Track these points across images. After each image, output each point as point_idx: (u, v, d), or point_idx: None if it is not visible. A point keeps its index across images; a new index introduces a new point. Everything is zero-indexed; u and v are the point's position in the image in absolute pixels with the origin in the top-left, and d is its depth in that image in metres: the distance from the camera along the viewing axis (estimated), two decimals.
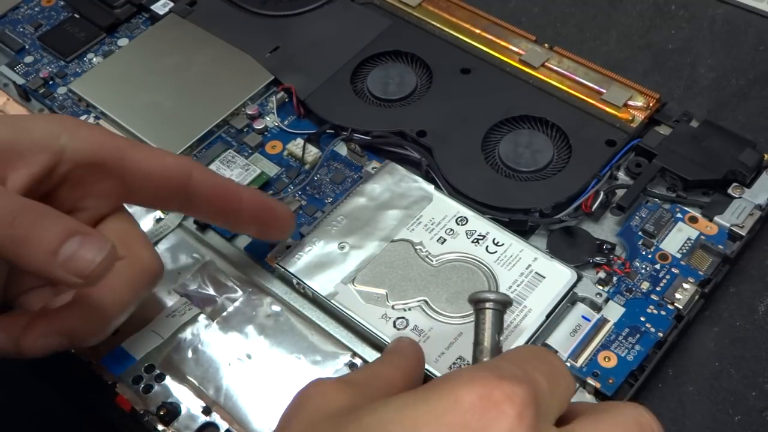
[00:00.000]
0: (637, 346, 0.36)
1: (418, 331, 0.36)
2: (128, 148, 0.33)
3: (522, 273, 0.37)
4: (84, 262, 0.28)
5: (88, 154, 0.32)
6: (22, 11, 0.54)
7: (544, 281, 0.37)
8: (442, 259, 0.38)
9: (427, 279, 0.37)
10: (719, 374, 0.37)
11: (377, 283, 0.38)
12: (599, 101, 0.45)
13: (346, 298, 0.37)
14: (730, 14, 0.52)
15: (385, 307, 0.37)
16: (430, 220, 0.39)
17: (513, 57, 0.48)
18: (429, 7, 0.51)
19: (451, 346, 0.35)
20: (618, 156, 0.43)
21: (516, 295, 0.37)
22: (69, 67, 0.51)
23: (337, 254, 0.39)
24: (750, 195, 0.41)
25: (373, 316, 0.36)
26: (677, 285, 0.38)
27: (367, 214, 0.40)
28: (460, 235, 0.39)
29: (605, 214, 0.42)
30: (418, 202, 0.40)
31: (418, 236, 0.39)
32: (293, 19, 0.51)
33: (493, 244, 0.38)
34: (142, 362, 0.37)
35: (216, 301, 0.39)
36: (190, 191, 0.34)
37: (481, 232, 0.39)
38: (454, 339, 0.35)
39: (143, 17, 0.53)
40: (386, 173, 0.42)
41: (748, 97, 0.48)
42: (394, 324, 0.36)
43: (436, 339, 0.35)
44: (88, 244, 0.29)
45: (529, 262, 0.38)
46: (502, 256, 0.38)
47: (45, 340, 0.31)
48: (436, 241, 0.39)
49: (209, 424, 0.35)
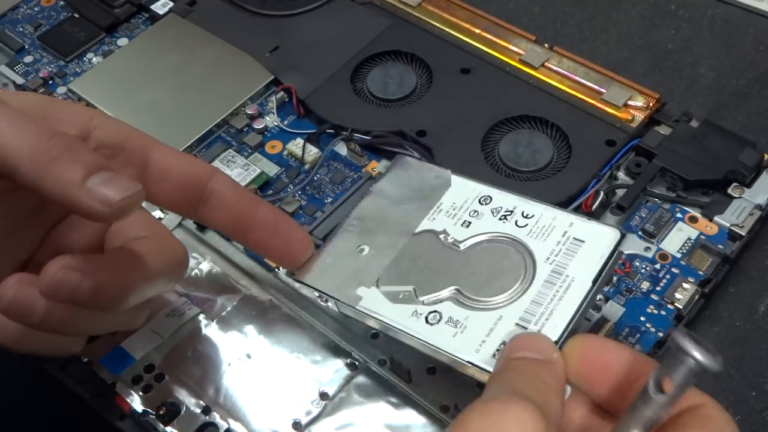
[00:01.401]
0: (637, 346, 0.36)
1: (454, 323, 0.32)
2: (155, 143, 0.34)
3: (558, 242, 0.33)
4: (112, 193, 0.28)
5: (116, 138, 0.33)
6: (21, 11, 0.54)
7: (584, 245, 0.33)
8: (469, 243, 0.35)
9: (456, 267, 0.34)
10: (719, 374, 0.37)
11: (403, 280, 0.34)
12: (599, 101, 0.45)
13: (371, 302, 0.34)
14: (730, 14, 0.52)
15: (415, 303, 0.33)
16: (452, 205, 0.36)
17: (513, 57, 0.48)
18: (429, 7, 0.51)
19: (491, 332, 0.32)
20: (618, 156, 0.43)
21: (555, 266, 0.33)
22: (69, 67, 0.51)
23: (358, 259, 0.35)
24: (750, 195, 0.41)
25: (403, 314, 0.33)
26: (677, 285, 0.38)
27: (384, 213, 0.37)
28: (485, 215, 0.35)
29: (605, 214, 0.42)
30: (436, 190, 0.37)
31: (440, 224, 0.36)
32: (293, 19, 0.51)
33: (522, 217, 0.35)
34: (142, 362, 0.37)
35: (216, 301, 0.39)
36: (208, 194, 0.34)
37: (508, 208, 0.35)
38: (493, 324, 0.32)
39: (143, 17, 0.53)
40: (398, 168, 0.39)
41: (748, 97, 0.48)
42: (426, 319, 0.33)
43: (474, 327, 0.32)
44: (118, 179, 0.29)
45: (564, 228, 0.34)
46: (534, 228, 0.34)
47: (65, 273, 0.29)
48: (460, 226, 0.35)
49: (209, 424, 0.35)
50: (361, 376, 0.36)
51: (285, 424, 0.35)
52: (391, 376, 0.36)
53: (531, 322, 0.30)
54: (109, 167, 0.29)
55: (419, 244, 0.35)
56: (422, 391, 0.36)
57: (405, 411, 0.35)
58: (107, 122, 0.33)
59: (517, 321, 0.31)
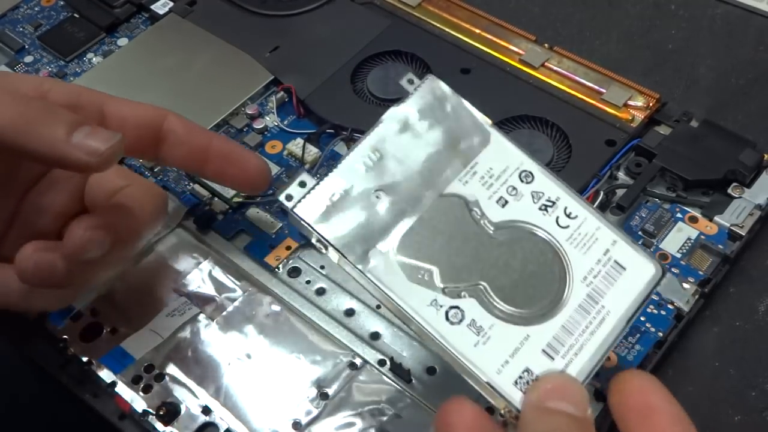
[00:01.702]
0: (637, 346, 0.36)
1: (477, 329, 0.28)
2: (107, 97, 0.36)
3: (599, 260, 0.30)
4: (97, 144, 0.30)
5: (70, 96, 0.35)
6: (21, 11, 0.54)
7: (624, 274, 0.30)
8: (504, 229, 0.30)
9: (484, 255, 0.29)
10: (719, 374, 0.37)
11: (425, 254, 0.29)
12: (599, 101, 0.45)
13: (385, 271, 0.28)
14: (730, 14, 0.52)
15: (435, 290, 0.28)
16: (488, 170, 0.30)
17: (513, 57, 0.48)
18: (429, 7, 0.51)
19: (516, 353, 0.28)
20: (618, 156, 0.43)
21: (592, 290, 0.29)
22: (69, 67, 0.51)
23: (372, 207, 0.29)
24: (750, 195, 0.41)
25: (421, 301, 0.28)
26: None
27: (408, 151, 0.30)
28: (524, 196, 0.30)
29: (605, 214, 0.42)
30: (471, 141, 0.31)
31: (473, 192, 0.30)
32: (293, 19, 0.51)
33: (564, 215, 0.30)
34: (142, 362, 0.37)
35: (216, 301, 0.39)
36: (164, 134, 0.36)
37: (551, 197, 0.30)
38: (519, 344, 0.28)
39: (143, 17, 0.53)
40: (429, 92, 0.32)
41: (748, 97, 0.48)
42: (446, 316, 0.28)
43: (499, 341, 0.28)
44: (99, 131, 0.31)
45: (607, 245, 0.30)
46: (575, 234, 0.30)
47: (93, 232, 0.32)
48: (495, 202, 0.30)
49: (209, 424, 0.35)
50: (361, 376, 0.36)
51: (285, 424, 0.35)
52: (391, 376, 0.36)
53: (559, 353, 0.28)
54: (89, 122, 0.31)
55: (446, 211, 0.30)
56: (422, 391, 0.36)
57: (405, 411, 0.35)
58: (58, 84, 0.35)
59: (545, 347, 0.28)
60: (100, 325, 0.38)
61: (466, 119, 0.32)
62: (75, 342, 0.38)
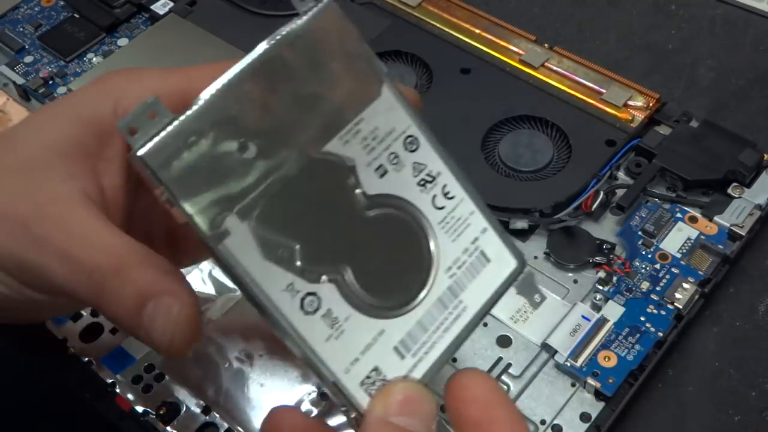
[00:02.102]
0: (637, 346, 0.36)
1: (332, 320, 0.25)
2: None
3: (466, 249, 0.27)
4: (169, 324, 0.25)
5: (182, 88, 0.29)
6: (22, 11, 0.54)
7: (488, 266, 0.27)
8: (378, 204, 0.26)
9: (352, 233, 0.25)
10: (719, 374, 0.37)
11: (286, 226, 0.24)
12: (599, 101, 0.45)
13: (239, 244, 0.23)
14: (730, 14, 0.52)
15: (293, 271, 0.24)
16: (372, 130, 0.26)
17: (513, 57, 0.48)
18: (429, 7, 0.51)
19: (368, 349, 0.25)
20: (618, 156, 0.43)
21: (454, 282, 0.27)
22: (69, 67, 0.51)
23: (233, 157, 0.24)
24: (750, 195, 0.41)
25: (276, 283, 0.24)
26: (677, 285, 0.38)
27: (287, 89, 0.25)
28: (405, 167, 0.26)
29: (605, 214, 0.42)
30: (360, 91, 0.26)
31: (351, 155, 0.25)
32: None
33: (442, 194, 0.27)
34: (142, 362, 0.37)
35: (216, 301, 0.39)
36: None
37: (432, 171, 0.27)
38: (372, 339, 0.25)
39: (143, 17, 0.53)
40: (325, 17, 0.26)
41: (748, 97, 0.48)
42: (302, 304, 0.24)
43: (352, 336, 0.25)
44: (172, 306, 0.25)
45: (477, 233, 0.27)
46: (449, 217, 0.27)
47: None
48: (374, 171, 0.26)
49: (209, 423, 0.35)
50: None
51: None
52: None
53: (410, 351, 0.26)
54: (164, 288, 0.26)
55: (319, 178, 0.25)
56: None
57: None
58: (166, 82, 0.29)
59: (397, 344, 0.25)
60: (100, 325, 0.38)
61: (360, 62, 0.26)
62: (75, 342, 0.38)
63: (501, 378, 0.36)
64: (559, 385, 0.36)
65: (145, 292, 0.25)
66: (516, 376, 0.36)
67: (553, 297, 0.39)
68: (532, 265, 0.40)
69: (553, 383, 0.36)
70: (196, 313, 0.25)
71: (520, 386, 0.36)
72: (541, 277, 0.40)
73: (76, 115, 0.28)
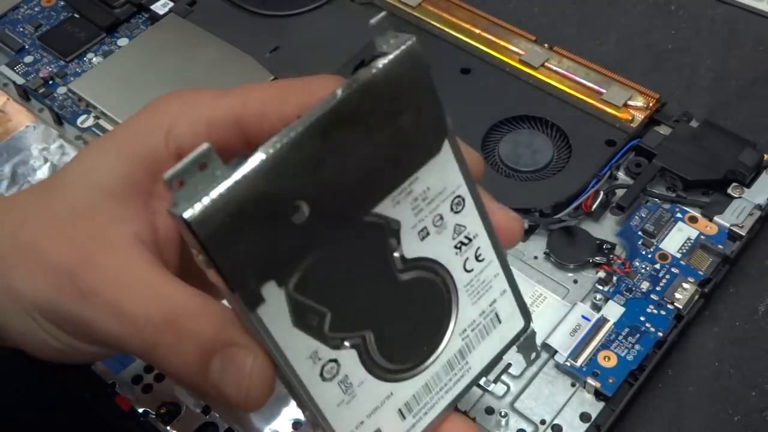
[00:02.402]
0: (637, 346, 0.36)
1: (346, 386, 0.24)
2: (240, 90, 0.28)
3: (483, 312, 0.26)
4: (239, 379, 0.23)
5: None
6: (22, 11, 0.54)
7: (498, 328, 0.27)
8: (412, 267, 0.24)
9: (382, 297, 0.24)
10: (719, 374, 0.37)
11: (322, 292, 0.22)
12: (599, 101, 0.45)
13: (272, 313, 0.22)
14: (730, 14, 0.52)
15: (319, 338, 0.23)
16: (424, 191, 0.24)
17: (513, 57, 0.48)
18: (429, 7, 0.51)
19: (375, 412, 0.24)
20: (618, 156, 0.43)
21: (465, 345, 0.26)
22: (69, 67, 0.51)
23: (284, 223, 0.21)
24: (750, 195, 0.41)
25: (300, 351, 0.23)
26: (677, 285, 0.38)
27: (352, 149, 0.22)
28: (446, 230, 0.25)
29: (605, 214, 0.42)
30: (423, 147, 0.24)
31: (399, 217, 0.23)
32: (293, 19, 0.51)
33: (474, 257, 0.26)
34: (142, 362, 0.37)
35: None
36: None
37: (470, 233, 0.25)
38: (380, 402, 0.25)
39: (143, 17, 0.53)
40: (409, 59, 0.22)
41: (748, 97, 0.48)
42: (322, 371, 0.23)
43: (362, 400, 0.24)
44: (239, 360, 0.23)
45: (496, 296, 0.27)
46: (475, 279, 0.26)
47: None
48: (417, 233, 0.24)
49: (209, 424, 0.35)
50: None
51: (285, 424, 0.35)
52: None
53: (412, 412, 0.26)
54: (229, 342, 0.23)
55: (363, 239, 0.23)
56: None
57: None
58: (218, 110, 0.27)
59: (402, 406, 0.25)
60: None
61: (429, 114, 0.23)
62: None
63: (501, 378, 0.36)
64: (559, 385, 0.36)
65: (209, 346, 0.23)
66: (516, 376, 0.36)
67: (553, 297, 0.39)
68: (532, 265, 0.40)
69: (553, 383, 0.36)
70: (271, 362, 0.23)
71: (520, 386, 0.36)
72: (541, 277, 0.40)
73: (126, 150, 0.26)
